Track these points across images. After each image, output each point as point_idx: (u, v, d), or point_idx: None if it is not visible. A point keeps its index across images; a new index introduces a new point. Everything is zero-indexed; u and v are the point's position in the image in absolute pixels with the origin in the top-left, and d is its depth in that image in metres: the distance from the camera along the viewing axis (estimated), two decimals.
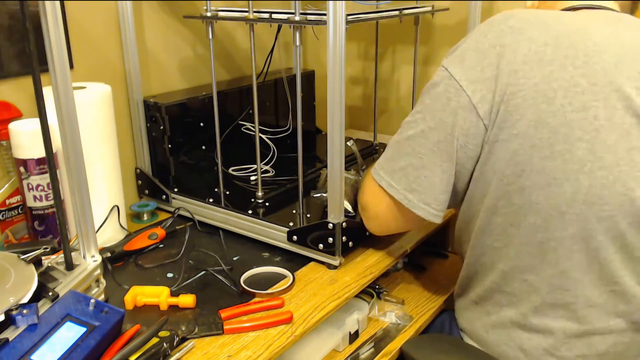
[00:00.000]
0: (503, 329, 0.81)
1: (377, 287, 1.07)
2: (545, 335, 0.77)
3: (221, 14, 1.10)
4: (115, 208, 1.06)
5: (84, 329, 0.70)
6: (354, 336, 0.95)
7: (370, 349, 0.95)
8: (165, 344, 0.74)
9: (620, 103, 0.69)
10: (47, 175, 0.92)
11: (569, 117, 0.69)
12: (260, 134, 1.29)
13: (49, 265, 0.81)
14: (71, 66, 1.08)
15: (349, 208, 1.00)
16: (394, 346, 0.94)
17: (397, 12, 1.14)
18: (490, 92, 0.71)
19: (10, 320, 0.68)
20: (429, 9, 1.26)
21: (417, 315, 1.02)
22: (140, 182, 1.24)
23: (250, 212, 1.08)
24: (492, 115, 0.72)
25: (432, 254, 1.22)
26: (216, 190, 1.18)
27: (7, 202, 0.98)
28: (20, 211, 1.00)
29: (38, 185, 0.94)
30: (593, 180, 0.69)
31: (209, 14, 1.07)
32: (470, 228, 0.83)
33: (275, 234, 1.03)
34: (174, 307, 0.87)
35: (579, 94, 0.69)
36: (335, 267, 0.98)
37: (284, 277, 0.96)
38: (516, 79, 0.70)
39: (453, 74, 0.74)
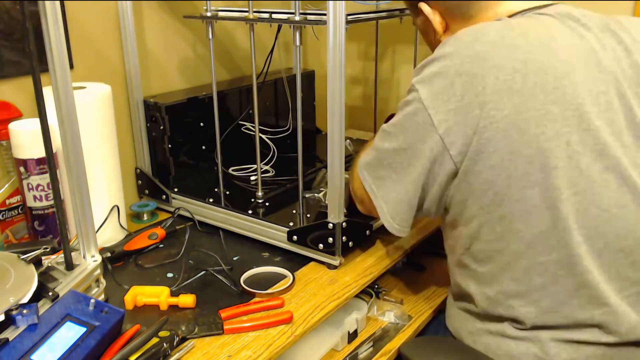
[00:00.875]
0: (491, 337, 0.81)
1: (376, 286, 1.07)
2: (535, 343, 0.76)
3: (221, 14, 1.10)
4: (115, 208, 1.06)
5: (84, 329, 0.71)
6: (352, 335, 0.95)
7: (368, 348, 0.95)
8: (165, 344, 0.74)
9: (591, 124, 0.68)
10: (47, 175, 0.92)
11: (543, 147, 0.68)
12: (260, 134, 1.29)
13: (49, 265, 0.81)
14: (71, 66, 1.08)
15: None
16: (392, 345, 0.94)
17: (397, 12, 1.14)
18: (458, 125, 0.70)
19: (10, 320, 0.68)
20: None
21: (416, 315, 1.02)
22: (140, 182, 1.24)
23: (250, 212, 1.08)
24: (463, 147, 0.70)
25: (431, 254, 1.21)
26: (216, 190, 1.18)
27: (7, 202, 0.98)
28: (20, 211, 1.00)
29: (38, 185, 0.94)
30: (570, 206, 0.69)
31: (209, 14, 1.07)
32: (457, 249, 0.82)
33: (275, 234, 1.03)
34: (174, 307, 0.87)
35: (551, 122, 0.68)
36: (335, 267, 0.98)
37: (284, 277, 0.96)
38: (486, 111, 0.68)
39: (422, 98, 0.73)
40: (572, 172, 0.68)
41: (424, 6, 0.84)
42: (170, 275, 0.96)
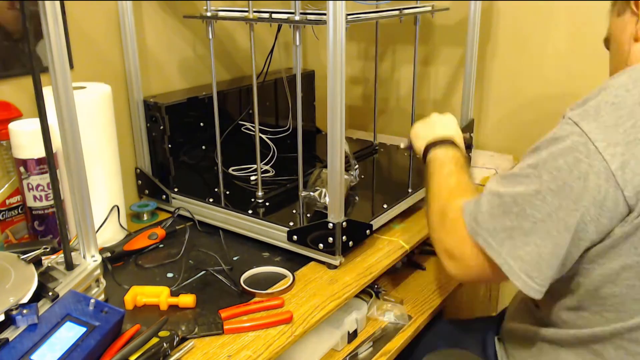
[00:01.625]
0: None
1: (376, 286, 1.07)
2: None
3: (221, 14, 1.10)
4: (115, 208, 1.06)
5: (84, 329, 0.70)
6: (352, 335, 0.95)
7: (368, 348, 0.95)
8: (165, 344, 0.74)
9: None
10: (47, 175, 0.92)
11: None
12: (260, 134, 1.29)
13: (49, 265, 0.81)
14: (71, 66, 1.08)
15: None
16: (392, 345, 0.94)
17: (397, 12, 1.14)
18: (635, 158, 0.60)
19: (10, 320, 0.68)
20: (429, 8, 1.26)
21: (416, 315, 1.02)
22: (140, 182, 1.24)
23: (250, 212, 1.08)
24: (636, 184, 0.61)
25: (431, 254, 1.22)
26: (216, 190, 1.18)
27: (7, 202, 0.98)
28: (20, 211, 1.00)
29: (38, 185, 0.94)
30: None
31: (209, 14, 1.07)
32: (568, 279, 0.72)
33: (275, 234, 1.03)
34: (174, 307, 0.86)
35: None
36: (335, 267, 0.98)
37: (284, 277, 0.96)
38: None
39: (586, 131, 0.62)
40: None
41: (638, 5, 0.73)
42: (170, 275, 0.96)
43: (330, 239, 0.95)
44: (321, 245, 0.97)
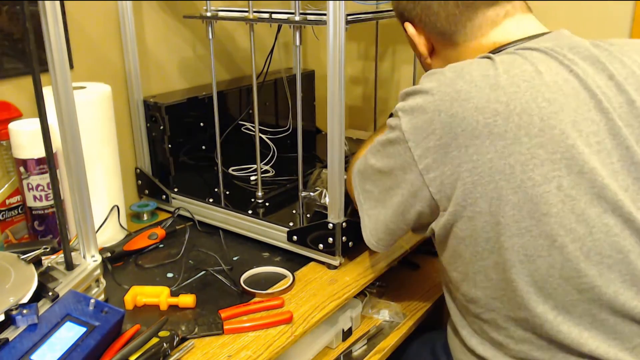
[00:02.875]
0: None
1: (371, 285, 1.07)
2: None
3: (221, 14, 1.10)
4: (115, 208, 1.06)
5: (84, 329, 0.71)
6: (347, 333, 0.95)
7: (363, 346, 0.95)
8: (165, 344, 0.74)
9: (585, 167, 0.64)
10: (47, 175, 0.92)
11: (530, 193, 0.64)
12: (260, 134, 1.29)
13: (49, 265, 0.81)
14: (71, 66, 1.08)
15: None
16: (387, 343, 0.95)
17: None
18: (436, 162, 0.68)
19: (10, 320, 0.68)
20: None
21: (410, 313, 1.02)
22: (140, 182, 1.24)
23: (250, 212, 1.08)
24: (442, 187, 0.69)
25: (426, 252, 1.22)
26: (216, 190, 1.18)
27: (7, 202, 0.98)
28: (20, 211, 1.00)
29: (38, 185, 0.94)
30: (566, 254, 0.65)
31: (209, 14, 1.07)
32: (456, 283, 0.78)
33: (275, 234, 1.03)
34: (174, 307, 0.87)
35: (538, 166, 0.64)
36: (335, 267, 0.98)
37: (284, 277, 0.96)
38: (468, 155, 0.66)
39: (403, 129, 0.70)
40: (566, 218, 0.65)
41: (408, 27, 0.83)
42: (170, 275, 0.96)
43: (330, 239, 0.95)
44: (321, 246, 0.97)
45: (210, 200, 1.13)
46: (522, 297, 0.68)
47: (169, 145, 1.19)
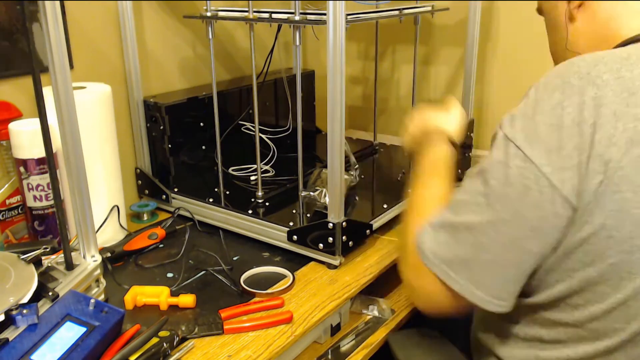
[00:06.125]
0: None
1: None
2: None
3: (221, 13, 1.10)
4: (115, 208, 1.06)
5: (84, 329, 0.70)
6: (335, 329, 0.95)
7: (351, 341, 0.95)
8: (165, 344, 0.74)
9: None
10: (47, 175, 0.92)
11: None
12: (260, 134, 1.29)
13: (49, 265, 0.81)
14: (71, 66, 1.08)
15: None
16: (374, 338, 0.95)
17: (397, 12, 1.14)
18: (578, 177, 0.59)
19: (10, 320, 0.68)
20: (429, 8, 1.26)
21: (399, 309, 1.02)
22: (140, 182, 1.24)
23: (250, 212, 1.08)
24: (580, 202, 0.60)
25: None
26: (216, 190, 1.18)
27: (7, 202, 0.98)
28: (20, 211, 1.00)
29: (38, 185, 0.94)
30: None
31: (209, 14, 1.07)
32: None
33: (275, 234, 1.03)
34: (174, 307, 0.86)
35: None
36: (335, 267, 0.98)
37: (284, 277, 0.96)
38: (602, 164, 0.59)
39: (531, 157, 0.60)
40: None
41: None
42: (170, 275, 0.96)
43: (330, 239, 0.95)
44: (321, 245, 0.97)
45: (210, 200, 1.13)
46: (605, 311, 0.64)
47: (169, 145, 1.19)
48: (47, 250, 0.83)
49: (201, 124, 1.24)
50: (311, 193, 1.10)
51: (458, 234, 0.66)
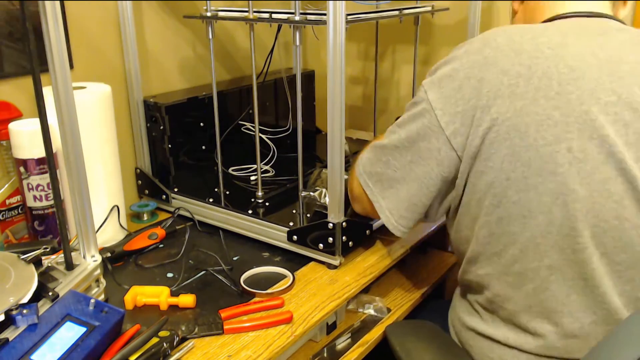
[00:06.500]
0: (484, 338, 0.82)
1: None
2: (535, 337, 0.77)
3: (221, 14, 1.10)
4: (115, 208, 1.06)
5: (84, 329, 0.71)
6: (331, 327, 0.95)
7: (347, 339, 0.95)
8: (165, 344, 0.74)
9: (595, 133, 0.67)
10: (47, 175, 0.92)
11: (541, 151, 0.68)
12: (260, 134, 1.29)
13: (49, 265, 0.81)
14: (71, 66, 1.08)
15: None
16: (370, 337, 0.95)
17: (397, 12, 1.14)
18: (464, 126, 0.72)
19: (10, 320, 0.68)
20: (429, 8, 1.26)
21: (395, 308, 1.02)
22: (140, 182, 1.24)
23: (250, 212, 1.08)
24: (466, 147, 0.72)
25: (413, 250, 1.22)
26: (216, 190, 1.18)
27: (7, 202, 0.98)
28: (20, 211, 1.00)
29: (38, 185, 0.94)
30: (566, 212, 0.68)
31: (209, 14, 1.07)
32: (462, 250, 0.83)
33: (275, 234, 1.03)
34: (174, 307, 0.87)
35: (551, 127, 0.68)
36: (335, 267, 0.98)
37: (284, 277, 0.96)
38: (489, 114, 0.70)
39: (430, 100, 0.75)
40: (570, 179, 0.68)
41: None
42: (170, 275, 0.96)
43: (330, 239, 0.95)
44: (321, 245, 0.97)
45: (210, 200, 1.13)
46: (520, 250, 0.72)
47: (169, 145, 1.19)
48: (47, 250, 0.83)
49: (201, 124, 1.24)
50: (311, 193, 1.10)
51: (379, 153, 0.83)
